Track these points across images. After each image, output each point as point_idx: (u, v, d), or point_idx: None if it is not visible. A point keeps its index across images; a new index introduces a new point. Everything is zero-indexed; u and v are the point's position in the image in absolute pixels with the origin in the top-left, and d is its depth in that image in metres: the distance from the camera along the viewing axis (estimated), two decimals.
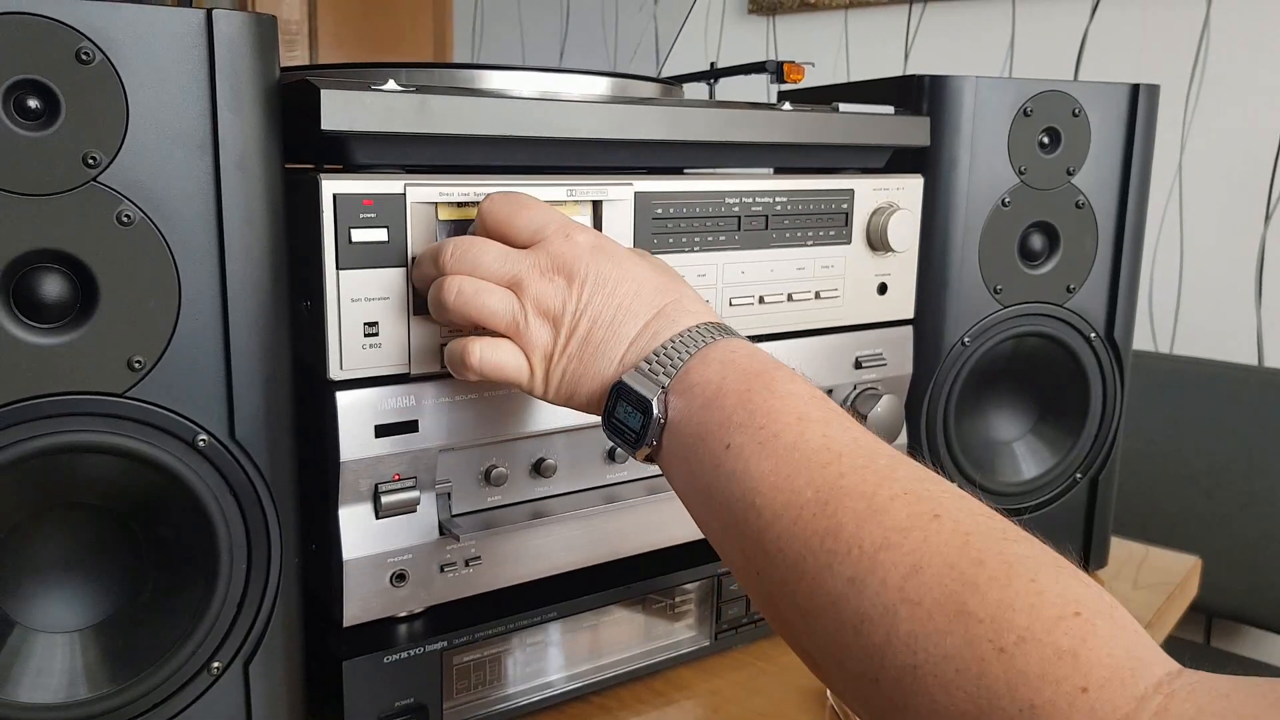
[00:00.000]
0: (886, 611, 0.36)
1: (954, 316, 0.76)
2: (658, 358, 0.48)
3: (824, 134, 0.68)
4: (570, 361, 0.50)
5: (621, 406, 0.48)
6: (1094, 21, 1.57)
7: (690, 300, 0.51)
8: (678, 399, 0.46)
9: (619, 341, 0.49)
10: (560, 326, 0.50)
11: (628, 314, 0.49)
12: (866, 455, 0.42)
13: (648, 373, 0.48)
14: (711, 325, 0.49)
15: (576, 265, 0.50)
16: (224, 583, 0.50)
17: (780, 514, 0.41)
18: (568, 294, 0.49)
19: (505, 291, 0.50)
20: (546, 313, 0.50)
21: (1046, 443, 0.83)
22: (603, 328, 0.49)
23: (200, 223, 0.47)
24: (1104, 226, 0.79)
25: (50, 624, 0.49)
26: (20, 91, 0.42)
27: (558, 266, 0.50)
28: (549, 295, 0.49)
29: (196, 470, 0.49)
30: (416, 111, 0.52)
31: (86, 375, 0.45)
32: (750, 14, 1.93)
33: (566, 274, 0.49)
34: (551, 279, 0.50)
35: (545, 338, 0.50)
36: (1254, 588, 1.40)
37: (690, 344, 0.48)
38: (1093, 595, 0.35)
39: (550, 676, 0.63)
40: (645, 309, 0.50)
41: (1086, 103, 0.76)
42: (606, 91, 0.66)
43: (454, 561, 0.58)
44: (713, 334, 0.48)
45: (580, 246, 0.50)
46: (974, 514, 0.39)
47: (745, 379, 0.46)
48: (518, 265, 0.50)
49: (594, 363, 0.49)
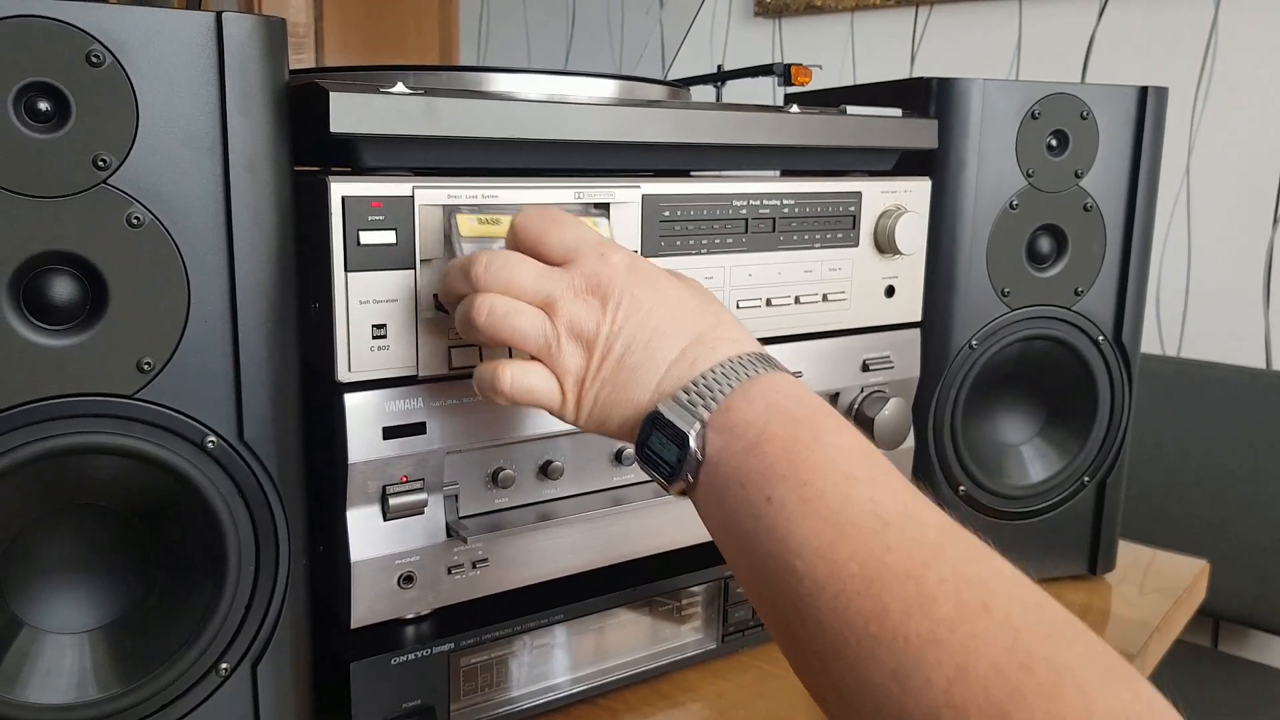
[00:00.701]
0: (929, 714, 0.35)
1: (961, 319, 0.76)
2: (696, 388, 0.46)
3: (831, 137, 0.68)
4: (603, 387, 0.48)
5: (656, 437, 0.46)
6: (1101, 23, 1.57)
7: (729, 326, 0.49)
8: (717, 437, 0.44)
9: (654, 367, 0.47)
10: (593, 350, 0.48)
11: (664, 338, 0.48)
12: (916, 526, 0.40)
13: (685, 404, 0.45)
14: (754, 356, 0.47)
15: (611, 286, 0.48)
16: (232, 584, 0.50)
17: (823, 585, 0.39)
18: (601, 316, 0.48)
19: (538, 312, 0.48)
20: (579, 335, 0.48)
21: (1054, 446, 0.83)
22: (637, 351, 0.47)
23: (209, 225, 0.47)
24: (1112, 229, 0.79)
25: (59, 625, 0.49)
26: (31, 94, 0.42)
27: (592, 287, 0.48)
28: (582, 317, 0.48)
29: (205, 472, 0.49)
30: (424, 114, 0.52)
31: (96, 377, 0.46)
32: (756, 16, 1.94)
33: (601, 295, 0.48)
34: (585, 300, 0.48)
35: (578, 361, 0.48)
36: (1261, 592, 1.40)
37: (731, 376, 0.46)
38: (1142, 707, 0.34)
39: (557, 679, 0.63)
40: (682, 333, 0.48)
41: (1094, 105, 0.76)
42: (613, 94, 0.67)
43: (461, 563, 0.58)
44: (755, 366, 0.46)
45: (615, 267, 0.49)
46: (1024, 604, 0.37)
47: (790, 424, 0.43)
48: (552, 285, 0.48)
49: (628, 388, 0.48)
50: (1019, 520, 0.82)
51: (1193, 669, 1.39)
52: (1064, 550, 0.84)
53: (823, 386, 0.71)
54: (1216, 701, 1.32)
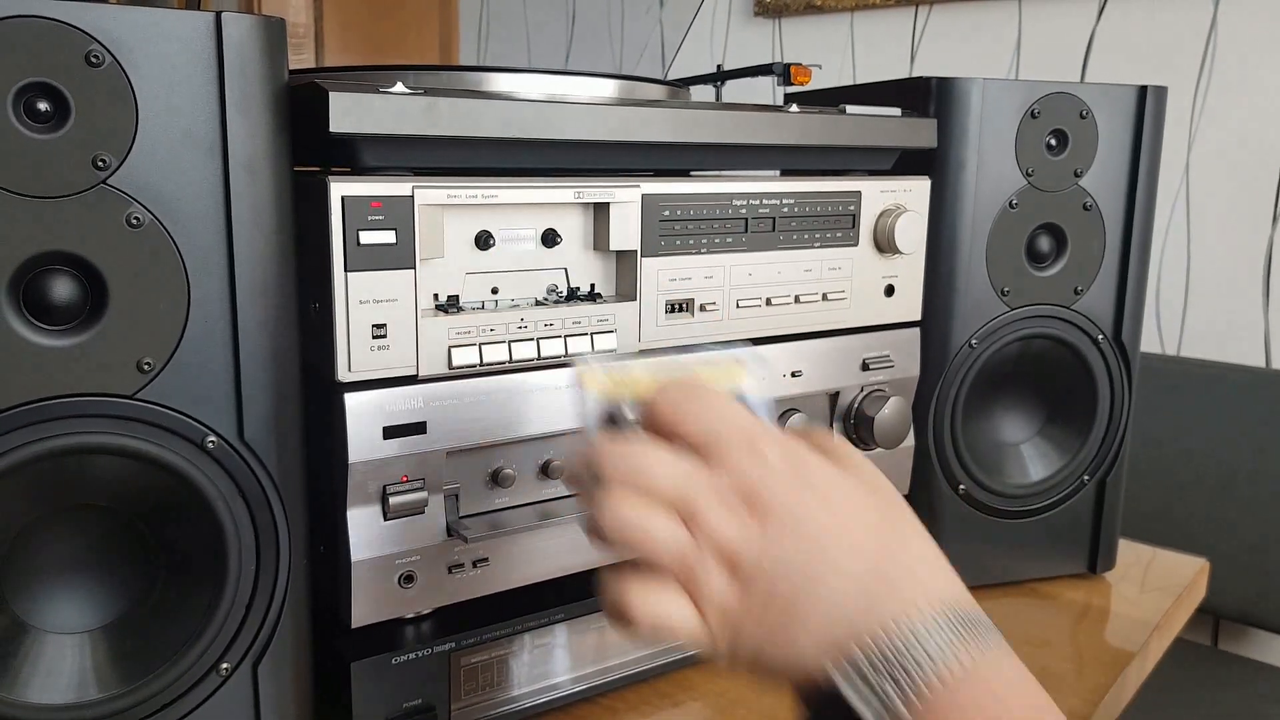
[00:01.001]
0: None
1: (961, 318, 0.76)
2: (882, 653, 0.36)
3: (831, 136, 0.68)
4: (753, 625, 0.38)
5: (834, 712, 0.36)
6: (1101, 23, 1.57)
7: (923, 557, 0.39)
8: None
9: (821, 607, 0.37)
10: (742, 577, 0.38)
11: (832, 567, 0.37)
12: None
13: (870, 678, 0.35)
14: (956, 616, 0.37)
15: (769, 496, 0.38)
16: (233, 584, 0.50)
17: None
18: (757, 535, 0.38)
19: (675, 524, 0.38)
20: (728, 558, 0.38)
21: (1054, 445, 0.83)
22: (801, 585, 0.37)
23: (209, 225, 0.47)
24: (1111, 228, 0.79)
25: (60, 625, 0.49)
26: (30, 94, 0.42)
27: (745, 494, 0.38)
28: (733, 535, 0.38)
29: (205, 471, 0.49)
30: (424, 114, 0.52)
31: (96, 377, 0.46)
32: (756, 16, 1.93)
33: (756, 506, 0.38)
34: (737, 514, 0.38)
35: (726, 593, 0.38)
36: (1262, 590, 1.40)
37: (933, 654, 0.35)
38: None
39: (557, 678, 0.63)
40: (856, 560, 0.38)
41: (1094, 104, 0.76)
42: (613, 94, 0.67)
43: (462, 563, 0.58)
44: (959, 632, 0.36)
45: (771, 467, 0.38)
46: None
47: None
48: (694, 488, 0.38)
49: (784, 630, 0.37)
50: (1019, 519, 0.82)
51: (1193, 667, 1.39)
52: (1064, 549, 0.84)
53: (823, 386, 0.71)
54: (1217, 700, 1.32)
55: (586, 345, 0.60)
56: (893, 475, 0.77)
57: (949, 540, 0.79)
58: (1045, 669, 0.71)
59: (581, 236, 0.60)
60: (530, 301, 0.59)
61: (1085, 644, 0.75)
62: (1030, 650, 0.73)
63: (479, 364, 0.56)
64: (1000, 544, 0.82)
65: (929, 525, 0.83)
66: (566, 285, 0.60)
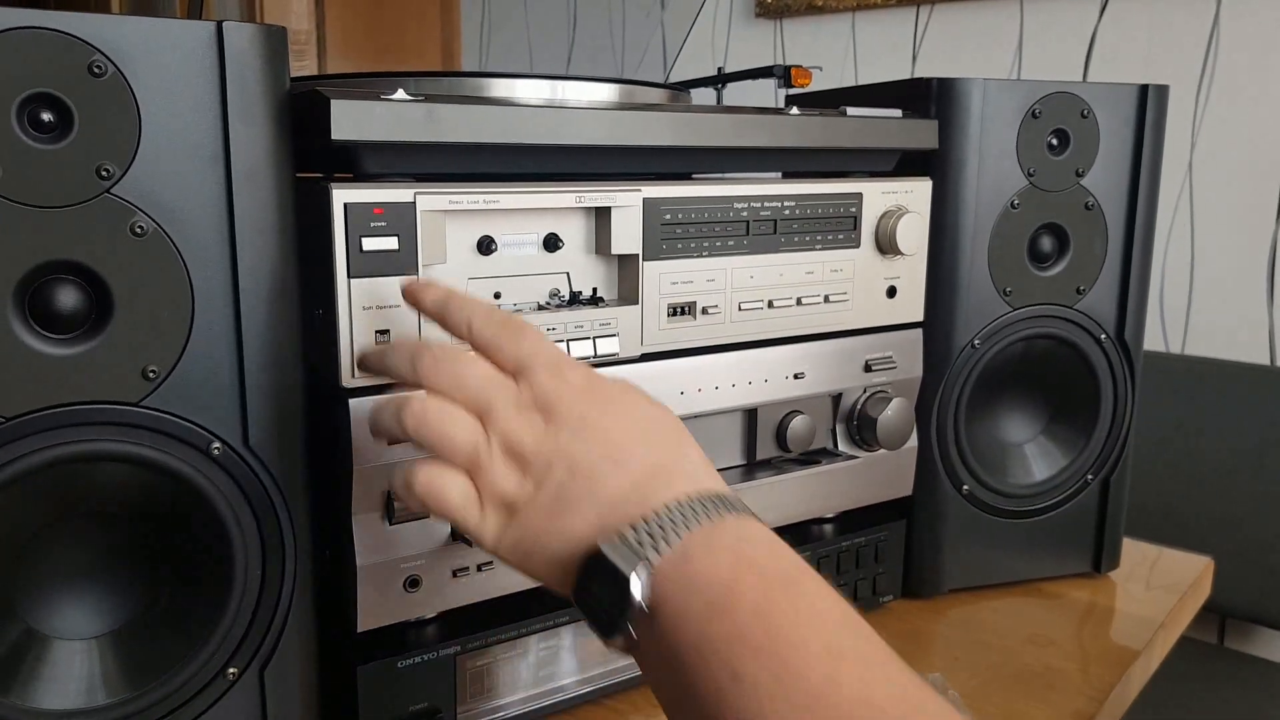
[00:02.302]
0: None
1: (964, 319, 0.76)
2: (648, 526, 0.39)
3: (832, 138, 0.68)
4: (536, 515, 0.42)
5: (596, 581, 0.39)
6: (1102, 22, 1.57)
7: (692, 460, 0.43)
8: (673, 591, 0.38)
9: (598, 499, 0.41)
10: (529, 473, 0.42)
11: (615, 465, 0.42)
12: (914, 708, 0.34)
13: (633, 544, 0.39)
14: (717, 496, 0.41)
15: (559, 404, 0.43)
16: (239, 589, 0.51)
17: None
18: (544, 434, 0.42)
19: (472, 422, 0.43)
20: (515, 453, 0.42)
21: (1058, 444, 0.83)
22: (581, 479, 0.41)
23: (213, 233, 0.47)
24: (1114, 227, 0.79)
25: (68, 631, 0.49)
26: (34, 105, 0.43)
27: (539, 402, 0.43)
28: (521, 433, 0.42)
29: (211, 478, 0.49)
30: (426, 120, 0.52)
31: (101, 385, 0.46)
32: (757, 17, 1.94)
33: (547, 412, 0.43)
34: (529, 416, 0.43)
35: (509, 483, 0.42)
36: (1267, 588, 1.39)
37: (691, 517, 0.39)
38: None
39: (563, 680, 0.64)
40: (637, 463, 0.42)
41: (1095, 104, 0.76)
42: (614, 98, 0.67)
43: (466, 566, 0.59)
44: (719, 508, 0.40)
45: (569, 384, 0.43)
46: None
47: (764, 583, 0.37)
48: (494, 393, 0.43)
49: (565, 518, 0.41)
50: (1023, 519, 0.82)
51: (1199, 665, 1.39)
52: (1068, 548, 0.84)
53: (825, 388, 0.71)
54: (1223, 698, 1.32)
55: (589, 349, 0.60)
56: (896, 476, 0.77)
57: (953, 541, 0.80)
58: (1050, 668, 0.71)
59: (583, 241, 0.61)
60: (532, 306, 0.59)
61: (1090, 643, 0.75)
62: (1035, 650, 0.73)
63: None
64: (1005, 544, 0.82)
65: (933, 525, 0.83)
66: (568, 289, 0.61)
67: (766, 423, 0.71)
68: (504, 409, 0.43)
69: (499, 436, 0.43)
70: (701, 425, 0.68)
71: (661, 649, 0.38)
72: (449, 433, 0.43)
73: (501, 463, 0.43)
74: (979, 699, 0.67)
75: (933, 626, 0.77)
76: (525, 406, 0.43)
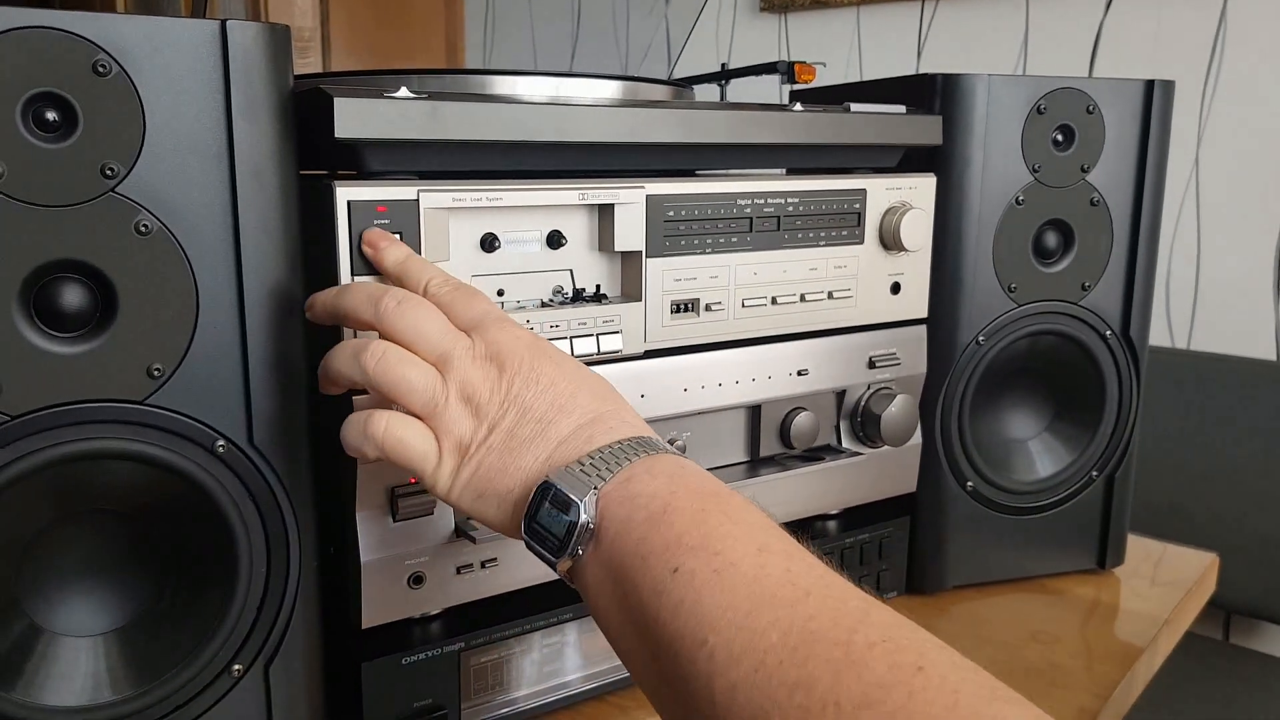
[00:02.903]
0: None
1: (968, 315, 0.76)
2: (593, 460, 0.43)
3: (836, 134, 0.68)
4: (488, 454, 0.45)
5: (545, 510, 0.43)
6: (1109, 16, 1.57)
7: (630, 414, 0.47)
8: (616, 508, 0.41)
9: (546, 439, 0.45)
10: (483, 416, 0.45)
11: (561, 412, 0.45)
12: (837, 595, 0.37)
13: (579, 475, 0.43)
14: (650, 440, 0.45)
15: (511, 356, 0.46)
16: (244, 586, 0.51)
17: (739, 658, 0.36)
18: (497, 382, 0.45)
19: (429, 368, 0.46)
20: (470, 399, 0.45)
21: (1062, 441, 0.83)
22: (531, 423, 0.45)
23: (217, 231, 0.47)
24: (1119, 224, 0.79)
25: (74, 628, 0.49)
26: (38, 104, 0.43)
27: (492, 354, 0.46)
28: (476, 380, 0.45)
29: (216, 476, 0.49)
30: (429, 118, 0.52)
31: (106, 383, 0.46)
32: (762, 12, 1.93)
33: (499, 362, 0.46)
34: (483, 365, 0.46)
35: (464, 426, 0.45)
36: (1272, 584, 1.39)
37: (632, 451, 0.43)
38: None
39: (567, 677, 0.64)
40: (581, 411, 0.45)
41: (1100, 99, 0.76)
42: (618, 95, 0.67)
43: (470, 563, 0.59)
44: (656, 448, 0.44)
45: (520, 340, 0.47)
46: (959, 667, 0.35)
47: (698, 497, 0.41)
48: (452, 343, 0.46)
49: (516, 457, 0.45)
50: (1027, 515, 0.82)
51: (1204, 661, 1.39)
52: (1073, 545, 0.84)
53: (829, 384, 0.71)
54: (1228, 694, 1.32)
55: (592, 346, 0.60)
56: (900, 472, 0.77)
57: (957, 537, 0.80)
58: (1055, 664, 0.71)
59: (586, 238, 0.61)
60: (536, 303, 0.59)
61: (1095, 639, 0.75)
62: (1039, 646, 0.73)
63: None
64: (1009, 540, 0.82)
65: (937, 521, 0.83)
66: (572, 286, 0.61)
67: (770, 419, 0.71)
68: (461, 358, 0.46)
69: (456, 383, 0.46)
70: (705, 422, 0.68)
71: (605, 561, 0.42)
72: (409, 375, 0.45)
73: (458, 407, 0.45)
74: None
75: (936, 623, 0.76)
76: (480, 357, 0.46)
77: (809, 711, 0.34)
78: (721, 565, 0.38)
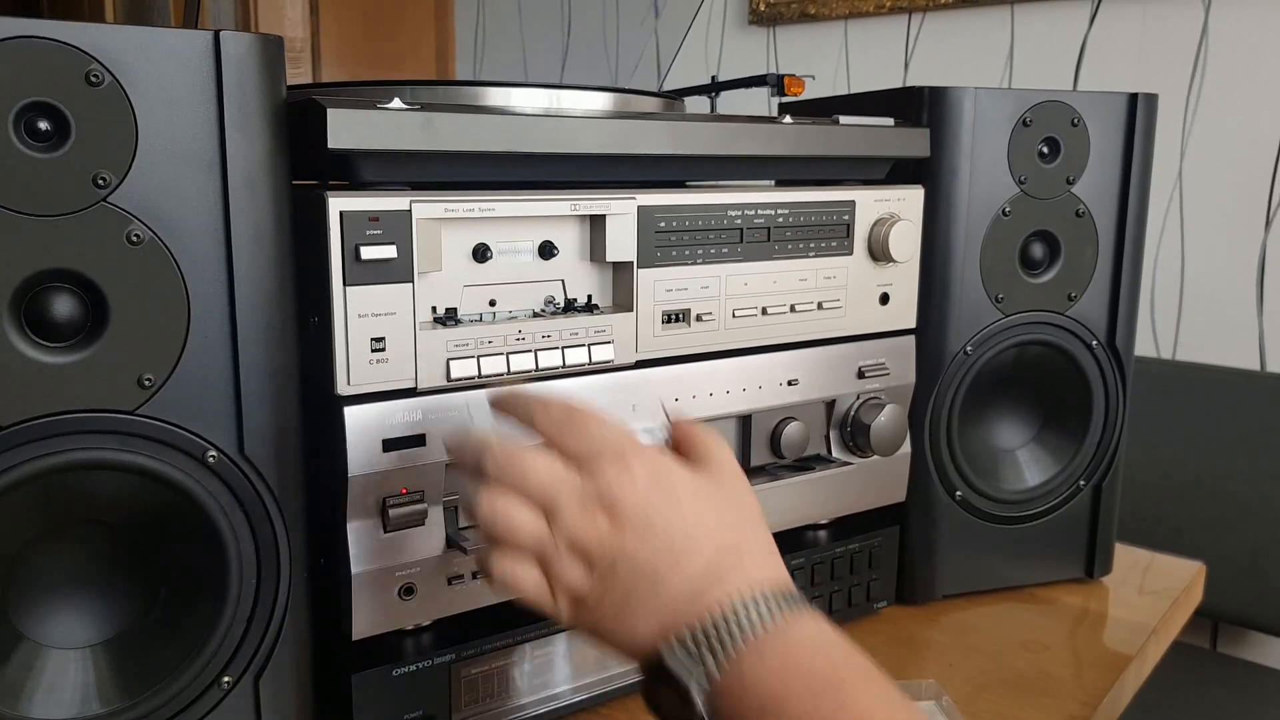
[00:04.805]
0: None
1: (956, 325, 0.77)
2: (704, 632, 0.41)
3: (825, 146, 0.68)
4: (603, 613, 0.44)
5: (661, 683, 0.42)
6: (1093, 29, 1.58)
7: (752, 552, 0.45)
8: (729, 698, 0.40)
9: (660, 601, 0.43)
10: (594, 568, 0.44)
11: (674, 566, 0.43)
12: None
13: (692, 652, 0.41)
14: (770, 594, 0.43)
15: (624, 503, 0.44)
16: (234, 597, 0.51)
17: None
18: (608, 534, 0.43)
19: (538, 518, 0.44)
20: (581, 552, 0.44)
21: (1049, 450, 0.83)
22: (644, 582, 0.43)
23: (209, 241, 0.47)
24: (1104, 235, 0.80)
25: (62, 640, 0.49)
26: (31, 114, 0.43)
27: (604, 501, 0.44)
28: (585, 532, 0.44)
29: (206, 486, 0.49)
30: (422, 129, 0.52)
31: (97, 393, 0.46)
32: (751, 25, 1.94)
33: (611, 511, 0.44)
34: (593, 516, 0.44)
35: (576, 576, 0.44)
36: (1259, 592, 1.40)
37: (745, 624, 0.41)
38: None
39: (558, 688, 0.64)
40: (698, 559, 0.44)
41: (1085, 112, 0.77)
42: (609, 106, 0.67)
43: (461, 574, 0.59)
44: (770, 607, 0.42)
45: (635, 479, 0.44)
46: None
47: (811, 692, 0.39)
48: (558, 490, 0.44)
49: (629, 620, 0.44)
50: (1016, 525, 0.82)
51: (1191, 670, 1.39)
52: (1061, 554, 0.84)
53: (819, 394, 0.72)
54: (1216, 702, 1.33)
55: (584, 356, 0.60)
56: (890, 482, 0.78)
57: (946, 547, 0.80)
58: (1044, 673, 0.71)
59: (578, 248, 0.61)
60: (528, 313, 0.59)
61: (1083, 648, 0.76)
62: (1029, 655, 0.73)
63: (477, 376, 0.56)
64: (997, 550, 0.82)
65: (927, 530, 0.83)
66: (564, 297, 0.61)
67: (761, 429, 0.71)
68: (568, 507, 0.44)
69: (564, 536, 0.44)
70: None
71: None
72: (515, 529, 0.44)
73: (568, 560, 0.44)
74: (972, 705, 0.67)
75: (927, 632, 0.77)
76: (590, 502, 0.44)
77: None
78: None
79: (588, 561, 0.44)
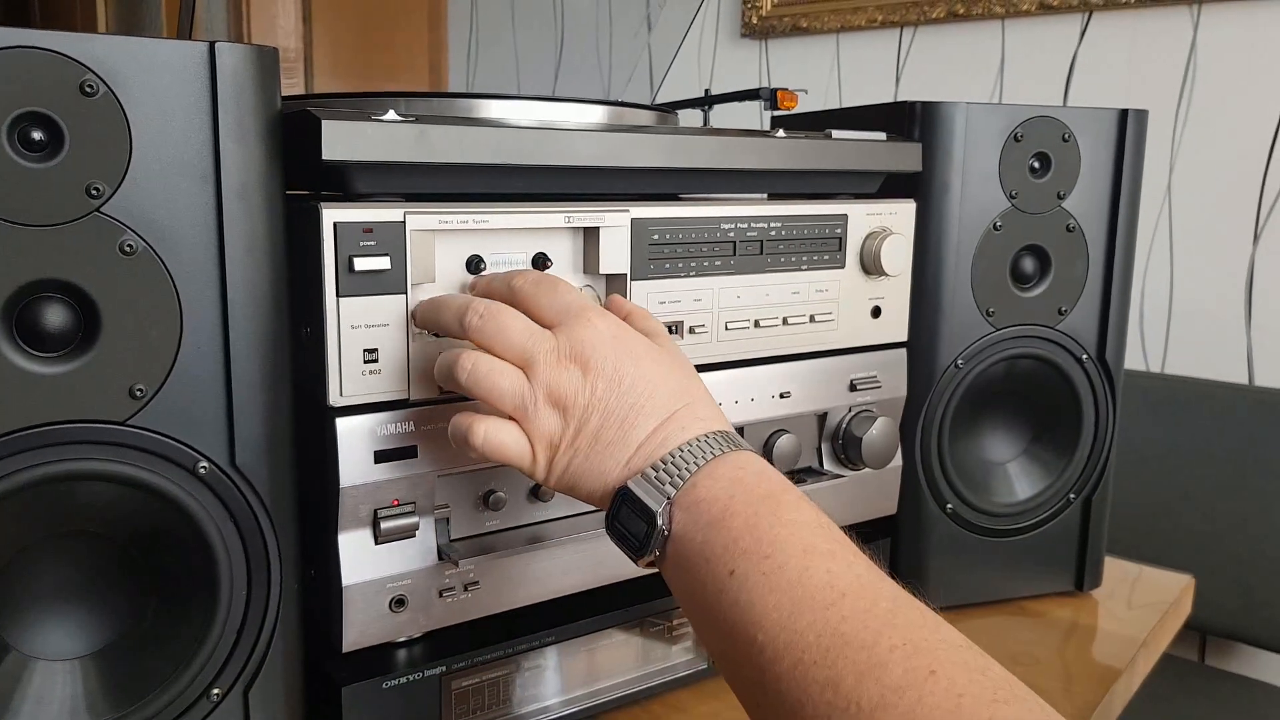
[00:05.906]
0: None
1: (947, 339, 0.77)
2: (665, 466, 0.47)
3: (818, 160, 0.69)
4: (576, 455, 0.49)
5: (625, 512, 0.48)
6: (1083, 44, 1.59)
7: (703, 405, 0.51)
8: (683, 513, 0.46)
9: (627, 444, 0.48)
10: (569, 418, 0.49)
11: (640, 415, 0.49)
12: (870, 596, 0.42)
13: (654, 480, 0.47)
14: (721, 435, 0.49)
15: (594, 354, 0.49)
16: (224, 609, 0.50)
17: (781, 654, 0.41)
18: (581, 384, 0.49)
19: (517, 373, 0.49)
20: (557, 401, 0.49)
21: (1040, 464, 0.83)
22: (613, 427, 0.49)
23: (202, 252, 0.47)
24: (1094, 249, 0.80)
25: (51, 651, 0.49)
26: (25, 124, 0.43)
27: (575, 354, 0.49)
28: (562, 383, 0.49)
29: (197, 497, 0.49)
30: (416, 141, 0.52)
31: (88, 404, 0.46)
32: (743, 38, 1.95)
33: (582, 362, 0.49)
34: (567, 367, 0.49)
35: (553, 426, 0.49)
36: (1247, 606, 1.40)
37: (699, 455, 0.47)
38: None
39: (549, 700, 0.63)
40: (658, 411, 0.49)
41: (1076, 128, 0.78)
42: (603, 119, 0.67)
43: (453, 586, 0.58)
44: (722, 445, 0.48)
45: (601, 333, 0.50)
46: (969, 669, 0.39)
47: (753, 501, 0.45)
48: (536, 346, 0.49)
49: (600, 461, 0.49)
50: (1006, 537, 0.82)
51: (1180, 683, 1.40)
52: (1051, 567, 0.85)
53: (811, 407, 0.72)
54: (1204, 715, 1.33)
55: None
56: (881, 495, 0.78)
57: (937, 559, 0.80)
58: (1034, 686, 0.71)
59: (572, 260, 0.61)
60: None
61: (1073, 661, 0.76)
62: (1018, 668, 0.73)
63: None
64: (987, 563, 0.82)
65: (917, 543, 0.84)
66: None
67: (752, 441, 0.71)
68: (545, 360, 0.49)
69: (542, 387, 0.49)
70: None
71: (678, 560, 0.46)
72: (498, 384, 0.49)
73: (545, 410, 0.49)
74: None
75: None
76: (564, 356, 0.49)
77: (834, 708, 0.39)
78: (770, 569, 0.43)
79: (563, 410, 0.49)
